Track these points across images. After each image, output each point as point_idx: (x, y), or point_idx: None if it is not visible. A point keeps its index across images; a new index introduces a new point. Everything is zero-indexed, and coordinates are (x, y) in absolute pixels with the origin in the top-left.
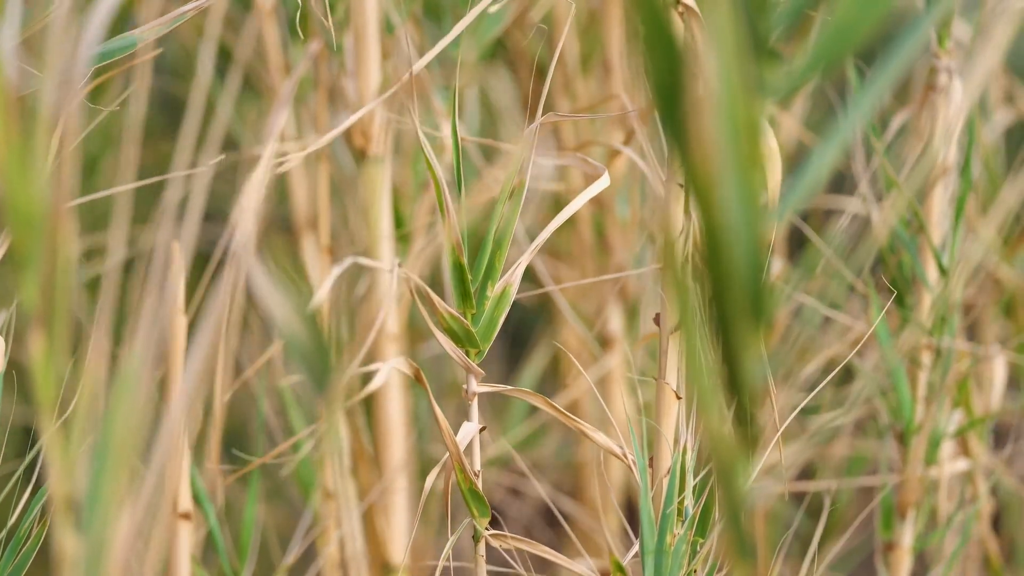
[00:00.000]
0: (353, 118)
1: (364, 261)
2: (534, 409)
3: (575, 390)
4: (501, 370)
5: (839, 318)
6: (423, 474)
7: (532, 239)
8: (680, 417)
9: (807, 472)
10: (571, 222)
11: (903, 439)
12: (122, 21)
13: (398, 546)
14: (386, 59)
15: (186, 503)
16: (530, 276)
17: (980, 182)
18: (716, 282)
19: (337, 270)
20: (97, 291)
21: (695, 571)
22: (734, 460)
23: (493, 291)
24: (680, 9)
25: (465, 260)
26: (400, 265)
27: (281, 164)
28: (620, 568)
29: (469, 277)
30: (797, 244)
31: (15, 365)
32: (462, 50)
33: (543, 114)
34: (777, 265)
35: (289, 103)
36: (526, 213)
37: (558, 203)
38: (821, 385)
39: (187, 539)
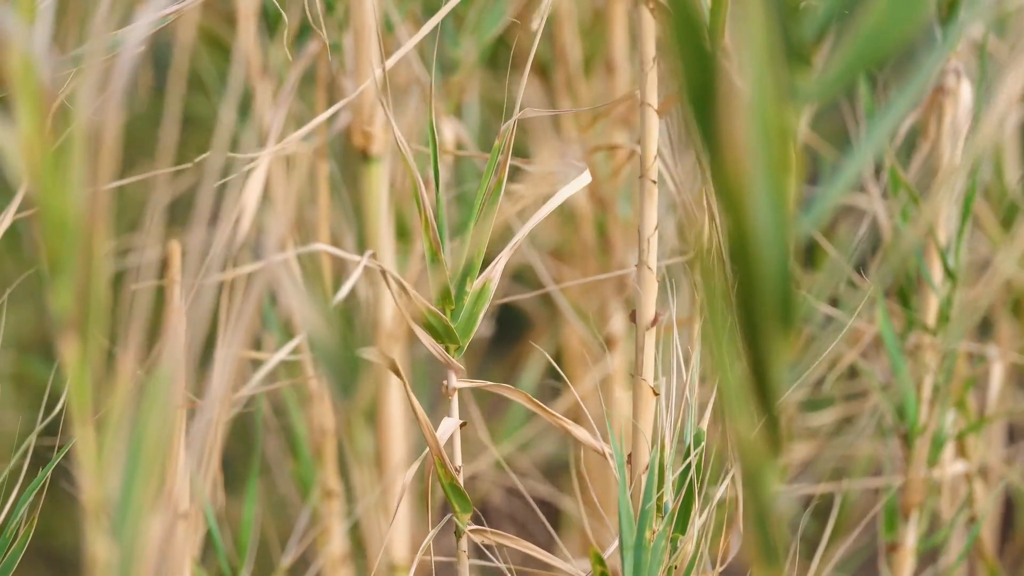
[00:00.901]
0: (336, 107)
1: (331, 250)
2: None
3: (579, 388)
4: (503, 371)
5: (844, 319)
6: (425, 472)
7: (534, 239)
8: (660, 413)
9: (812, 473)
10: (573, 222)
11: (907, 440)
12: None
13: (399, 544)
14: (386, 58)
15: (185, 503)
16: (532, 277)
17: (991, 181)
18: (744, 287)
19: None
20: (127, 295)
21: (675, 567)
22: (762, 465)
23: (472, 287)
24: (651, 5)
25: (444, 256)
26: (374, 256)
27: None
28: (600, 560)
29: (448, 272)
30: (805, 246)
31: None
32: (463, 50)
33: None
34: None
35: (287, 104)
36: (527, 213)
37: (560, 204)
38: (796, 380)
39: (186, 539)
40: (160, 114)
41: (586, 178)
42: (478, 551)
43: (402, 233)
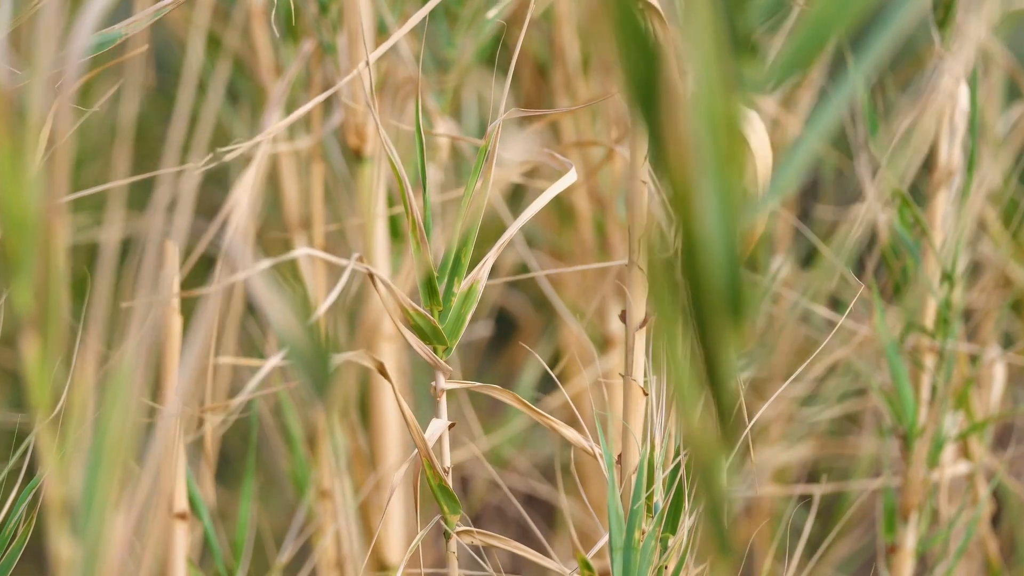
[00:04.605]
0: (315, 101)
1: (318, 254)
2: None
3: (578, 387)
4: (503, 370)
5: (842, 321)
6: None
7: (529, 238)
8: (649, 413)
9: (814, 474)
10: (572, 222)
11: (906, 441)
12: (107, 16)
13: (393, 544)
14: (380, 59)
15: (181, 503)
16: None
17: (992, 180)
18: (694, 279)
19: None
20: (88, 291)
21: (665, 567)
22: (714, 456)
23: (460, 288)
24: (640, 5)
25: (430, 257)
26: (361, 259)
27: (273, 163)
28: (587, 564)
29: (435, 274)
30: (807, 245)
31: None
32: (459, 49)
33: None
34: (784, 265)
35: (282, 103)
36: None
37: (558, 202)
38: (784, 380)
39: (183, 539)
40: (161, 113)
41: (572, 176)
42: (475, 549)
43: (397, 231)
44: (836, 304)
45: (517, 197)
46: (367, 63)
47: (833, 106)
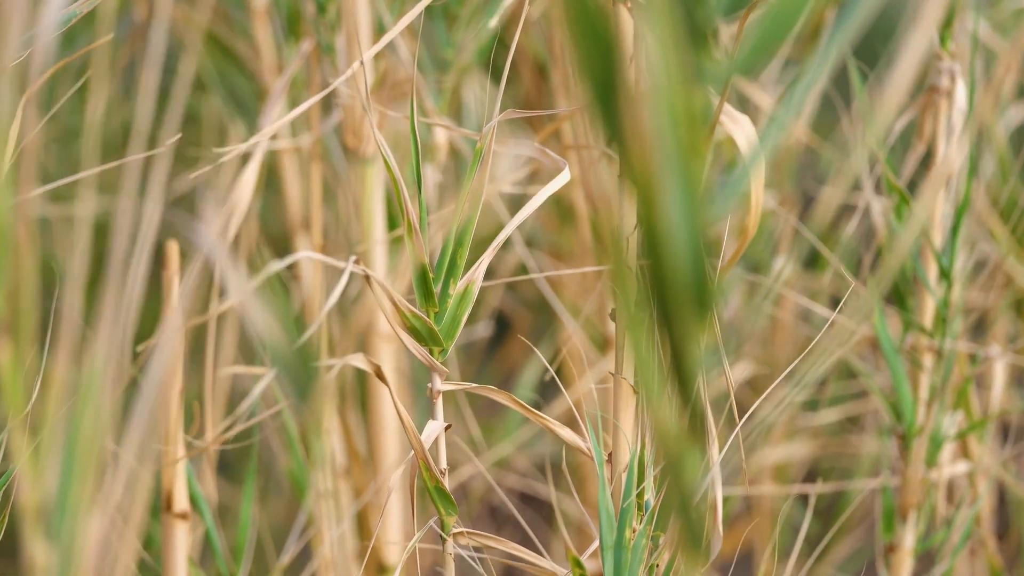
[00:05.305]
0: (310, 102)
1: (316, 256)
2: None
3: (579, 387)
4: (503, 371)
5: (833, 317)
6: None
7: (529, 239)
8: (640, 411)
9: (813, 473)
10: (571, 222)
11: (905, 441)
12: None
13: (392, 546)
14: (379, 59)
15: (183, 503)
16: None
17: (993, 179)
18: (658, 274)
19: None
20: (62, 288)
21: (656, 566)
22: (682, 451)
23: (455, 289)
24: (628, 4)
25: (426, 258)
26: (358, 262)
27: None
28: (578, 563)
29: (431, 275)
30: (808, 245)
31: None
32: (457, 50)
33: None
34: (787, 266)
35: (281, 102)
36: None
37: (558, 202)
38: (778, 381)
39: (184, 539)
40: (161, 114)
41: (566, 175)
42: (472, 549)
43: (396, 229)
44: (836, 304)
45: (516, 198)
46: (361, 62)
47: (806, 84)
